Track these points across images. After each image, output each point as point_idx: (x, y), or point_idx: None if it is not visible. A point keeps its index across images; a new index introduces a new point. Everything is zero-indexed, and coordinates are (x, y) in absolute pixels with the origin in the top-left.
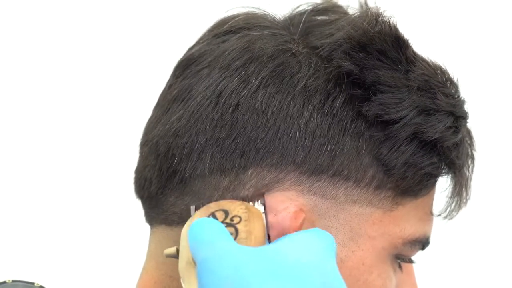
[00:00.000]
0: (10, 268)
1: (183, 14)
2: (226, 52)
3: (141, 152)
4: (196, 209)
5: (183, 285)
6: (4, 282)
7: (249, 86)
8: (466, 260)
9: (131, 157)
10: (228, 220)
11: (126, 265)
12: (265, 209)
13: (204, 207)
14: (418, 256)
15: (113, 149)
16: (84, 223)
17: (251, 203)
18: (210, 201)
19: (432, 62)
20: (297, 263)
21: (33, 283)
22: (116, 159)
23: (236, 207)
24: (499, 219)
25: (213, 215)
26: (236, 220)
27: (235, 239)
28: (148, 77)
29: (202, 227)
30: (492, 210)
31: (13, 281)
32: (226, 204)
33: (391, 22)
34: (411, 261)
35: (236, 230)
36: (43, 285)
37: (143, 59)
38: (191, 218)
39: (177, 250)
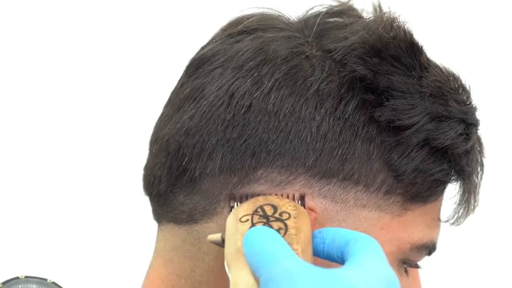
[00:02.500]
0: (23, 264)
1: (196, 13)
2: (240, 53)
3: (151, 150)
4: (230, 198)
5: (228, 272)
6: (17, 278)
7: (262, 88)
8: (471, 266)
9: (140, 155)
10: (277, 215)
11: (134, 262)
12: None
13: (252, 200)
14: (424, 262)
15: (122, 146)
16: (95, 221)
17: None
18: (219, 199)
19: (445, 68)
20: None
21: (45, 279)
22: (125, 156)
23: (285, 204)
24: (506, 226)
25: (261, 208)
26: (285, 216)
27: (284, 234)
28: (158, 75)
29: (262, 238)
30: (499, 217)
31: (26, 276)
32: (274, 199)
33: (406, 27)
34: (417, 266)
35: (286, 226)
36: (56, 281)
37: (153, 57)
38: (236, 208)
39: (222, 238)
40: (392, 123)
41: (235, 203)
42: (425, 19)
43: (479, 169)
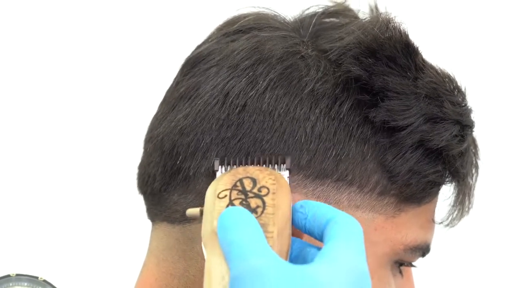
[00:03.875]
0: (14, 262)
1: (191, 11)
2: (235, 52)
3: (145, 148)
4: (220, 164)
5: (204, 251)
6: (9, 276)
7: (257, 87)
8: (465, 267)
9: (134, 153)
10: (255, 190)
11: (127, 261)
12: (290, 173)
13: (232, 171)
14: (418, 263)
15: (116, 144)
16: (86, 219)
17: (276, 168)
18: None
19: (441, 70)
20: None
21: (37, 277)
22: (119, 155)
23: (265, 177)
24: (500, 228)
25: (240, 181)
26: (264, 191)
27: (261, 213)
28: (153, 73)
29: (234, 224)
30: (493, 219)
31: (17, 274)
32: (255, 171)
33: (401, 28)
34: (411, 265)
35: (264, 203)
36: (47, 279)
37: (149, 56)
38: (216, 180)
39: (201, 212)
40: (387, 124)
41: (220, 169)
42: (421, 20)
43: (473, 171)
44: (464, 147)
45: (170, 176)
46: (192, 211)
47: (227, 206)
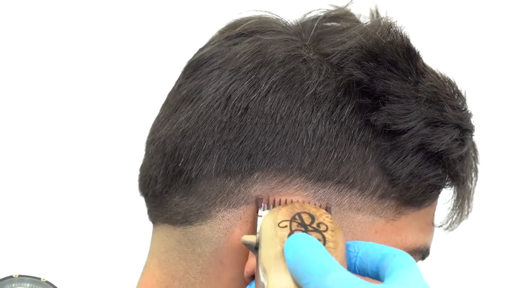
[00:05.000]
0: (16, 263)
1: (194, 15)
2: (238, 55)
3: (147, 150)
4: (263, 202)
5: (263, 276)
6: (11, 277)
7: (259, 90)
8: (464, 271)
9: (136, 155)
10: (315, 225)
11: (129, 262)
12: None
13: (289, 206)
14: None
15: (118, 146)
16: (89, 220)
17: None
18: (215, 203)
19: (441, 74)
20: None
21: (39, 278)
22: (121, 157)
23: (322, 214)
24: (499, 232)
25: (299, 215)
26: (322, 227)
27: (324, 246)
28: (155, 76)
29: (306, 246)
30: (492, 223)
31: (19, 275)
32: (311, 208)
33: (403, 32)
34: None
35: (324, 238)
36: (49, 280)
37: (151, 58)
38: (272, 212)
39: (257, 243)
40: (388, 127)
41: (263, 206)
42: (422, 25)
43: (473, 175)
44: (464, 151)
45: (172, 178)
46: (248, 238)
47: (289, 235)
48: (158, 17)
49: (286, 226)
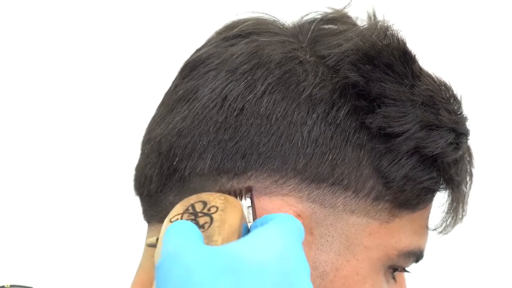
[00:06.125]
0: (8, 273)
1: (191, 15)
2: (234, 56)
3: (142, 150)
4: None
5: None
6: (3, 287)
7: (255, 91)
8: (458, 272)
9: (131, 155)
10: (205, 210)
11: (123, 263)
12: (252, 203)
13: (185, 199)
14: (411, 269)
15: (113, 146)
16: (81, 223)
17: (238, 198)
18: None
19: (437, 77)
20: (253, 262)
21: None
22: (116, 157)
23: (215, 198)
24: (493, 236)
25: (192, 206)
26: (213, 210)
27: (209, 227)
28: (152, 76)
29: (173, 232)
30: (486, 226)
31: (11, 285)
32: (206, 196)
33: (399, 36)
34: (405, 270)
35: (211, 219)
36: None
37: (147, 58)
38: (172, 210)
39: (157, 240)
40: (383, 130)
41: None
42: (418, 28)
43: (468, 178)
44: (459, 154)
45: (167, 177)
46: (150, 241)
47: None
48: (155, 17)
49: (177, 219)
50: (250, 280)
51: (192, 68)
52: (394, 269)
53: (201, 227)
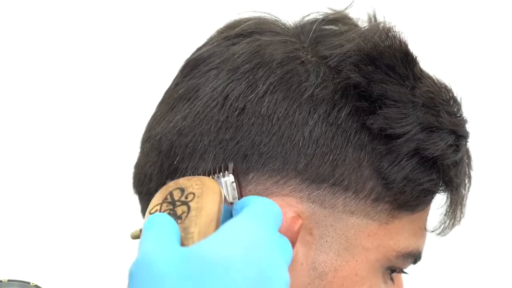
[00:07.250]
0: (5, 267)
1: (192, 14)
2: (236, 55)
3: (142, 148)
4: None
5: None
6: (0, 281)
7: (257, 91)
8: (455, 273)
9: (131, 153)
10: (183, 198)
11: (120, 261)
12: (235, 178)
13: (164, 187)
14: (409, 270)
15: (113, 144)
16: (79, 221)
17: (221, 175)
18: None
19: (438, 79)
20: (217, 262)
21: (28, 283)
22: (115, 154)
23: (192, 184)
24: (490, 238)
25: (170, 194)
26: (190, 197)
27: (186, 217)
28: (152, 74)
29: (149, 231)
30: (484, 228)
31: (8, 280)
32: (184, 181)
33: (401, 37)
34: (403, 271)
35: (189, 208)
36: (39, 284)
37: (148, 57)
38: (152, 199)
39: (141, 231)
40: (384, 131)
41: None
42: (420, 30)
43: (466, 181)
44: (458, 157)
45: (167, 176)
46: (134, 232)
47: None
48: (157, 16)
49: (156, 210)
50: (214, 282)
51: (193, 67)
52: (392, 270)
53: (178, 217)
